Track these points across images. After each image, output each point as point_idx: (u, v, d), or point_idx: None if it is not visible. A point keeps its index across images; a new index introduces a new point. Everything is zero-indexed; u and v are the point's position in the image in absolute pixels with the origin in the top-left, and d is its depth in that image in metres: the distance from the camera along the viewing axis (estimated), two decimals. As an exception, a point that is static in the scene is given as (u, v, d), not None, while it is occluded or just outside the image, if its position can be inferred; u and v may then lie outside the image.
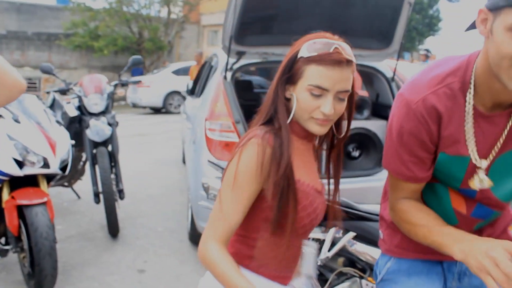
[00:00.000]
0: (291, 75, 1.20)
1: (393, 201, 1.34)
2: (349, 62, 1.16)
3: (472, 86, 1.15)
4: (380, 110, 4.02)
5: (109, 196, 3.76)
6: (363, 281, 2.06)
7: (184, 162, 6.70)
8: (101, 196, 3.93)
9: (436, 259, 1.38)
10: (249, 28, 3.49)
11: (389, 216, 1.40)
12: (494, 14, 1.03)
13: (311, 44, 1.17)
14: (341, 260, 2.19)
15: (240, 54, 3.65)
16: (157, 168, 6.66)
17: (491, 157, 1.21)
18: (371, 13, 3.57)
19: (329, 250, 2.06)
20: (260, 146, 1.16)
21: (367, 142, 3.82)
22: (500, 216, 1.36)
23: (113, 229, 3.96)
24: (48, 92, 4.18)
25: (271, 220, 1.20)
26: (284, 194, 1.17)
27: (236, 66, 3.70)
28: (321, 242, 2.07)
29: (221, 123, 3.32)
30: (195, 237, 3.80)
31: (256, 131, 1.21)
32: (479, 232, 1.33)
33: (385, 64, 4.03)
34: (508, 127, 1.18)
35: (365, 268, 2.08)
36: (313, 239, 2.07)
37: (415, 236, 1.26)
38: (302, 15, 3.57)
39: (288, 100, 1.22)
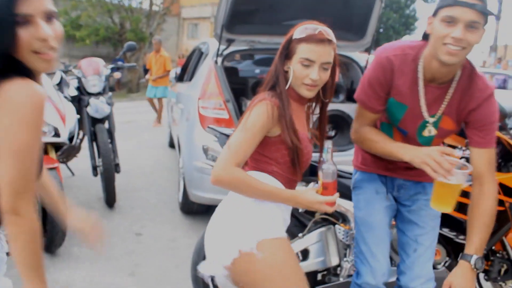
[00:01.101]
0: (287, 52, 1.64)
1: (357, 126, 1.92)
2: (330, 41, 1.61)
3: (421, 61, 1.75)
4: (354, 95, 4.47)
5: (109, 167, 4.13)
6: (337, 226, 2.50)
7: (170, 146, 7.11)
8: (99, 169, 4.30)
9: (384, 174, 2.03)
10: (239, 18, 3.89)
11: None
12: (435, 16, 1.64)
13: (302, 29, 1.62)
14: (317, 217, 2.63)
15: (229, 42, 4.06)
16: (146, 150, 7.02)
17: (435, 118, 1.80)
18: (348, 7, 4.00)
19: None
20: (269, 105, 1.58)
21: (342, 123, 4.26)
22: None
23: (111, 199, 4.32)
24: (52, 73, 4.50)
25: (289, 158, 1.64)
26: (292, 138, 1.61)
27: (226, 52, 4.10)
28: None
29: (213, 101, 3.73)
30: (186, 206, 4.21)
31: (264, 95, 1.64)
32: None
33: (359, 54, 4.49)
34: (447, 98, 1.78)
35: (338, 217, 2.52)
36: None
37: (374, 149, 1.85)
38: (286, 7, 3.99)
39: (286, 72, 1.66)
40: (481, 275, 2.66)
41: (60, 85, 4.23)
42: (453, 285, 1.74)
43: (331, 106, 4.14)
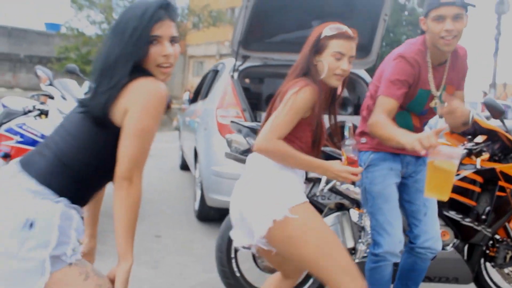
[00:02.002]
0: (318, 48, 1.89)
1: (378, 113, 2.13)
2: (354, 38, 1.88)
3: (428, 52, 2.18)
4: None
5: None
6: (351, 210, 2.71)
7: (181, 168, 7.32)
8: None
9: (397, 152, 2.27)
10: (254, 35, 4.21)
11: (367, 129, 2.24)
12: (426, 17, 2.11)
13: (332, 28, 1.89)
14: (332, 203, 2.84)
15: (245, 58, 4.37)
16: (158, 171, 7.23)
17: (439, 91, 2.17)
18: (354, 27, 4.32)
19: (323, 189, 2.70)
20: (312, 90, 1.81)
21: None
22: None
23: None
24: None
25: (313, 136, 1.88)
26: (319, 121, 1.86)
27: (241, 68, 4.40)
28: (318, 181, 2.71)
29: (230, 110, 3.99)
30: (203, 213, 4.41)
31: (300, 82, 1.85)
32: None
33: (365, 72, 4.79)
34: (445, 75, 2.22)
35: (352, 203, 2.73)
36: (311, 178, 2.72)
37: (383, 134, 2.08)
38: (298, 27, 4.31)
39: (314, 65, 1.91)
40: (488, 264, 2.85)
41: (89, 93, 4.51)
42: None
43: (340, 118, 4.43)
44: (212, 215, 4.35)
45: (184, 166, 7.06)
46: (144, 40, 1.43)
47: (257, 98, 4.94)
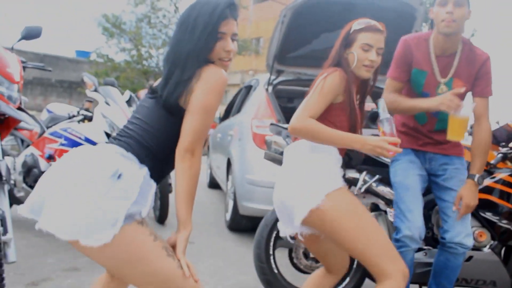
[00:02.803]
0: (348, 41, 2.02)
1: (387, 93, 2.39)
2: (382, 31, 1.99)
3: (431, 40, 2.41)
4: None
5: (165, 186, 4.47)
6: (388, 209, 2.76)
7: (209, 186, 7.44)
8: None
9: (417, 149, 2.50)
10: (288, 51, 4.37)
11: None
12: (434, 6, 2.33)
13: (360, 22, 2.01)
14: (368, 204, 2.91)
15: (279, 72, 4.52)
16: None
17: (446, 79, 2.38)
18: (386, 42, 4.44)
19: (360, 188, 2.77)
20: (341, 75, 1.93)
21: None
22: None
23: (163, 216, 4.62)
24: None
25: (349, 121, 1.98)
26: (352, 107, 1.96)
27: (275, 82, 4.55)
28: (355, 181, 2.79)
29: (265, 121, 4.11)
30: (234, 223, 4.49)
31: (330, 69, 1.99)
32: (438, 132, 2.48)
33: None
34: (455, 64, 2.39)
35: (388, 203, 2.79)
36: (348, 179, 2.79)
37: (404, 106, 2.38)
38: (331, 43, 4.45)
39: (345, 58, 2.03)
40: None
41: (129, 102, 4.68)
42: (463, 196, 2.33)
43: (370, 131, 4.51)
44: (244, 224, 4.43)
45: (212, 185, 7.17)
46: (214, 36, 1.59)
47: (291, 112, 5.05)
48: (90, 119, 3.91)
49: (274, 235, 2.80)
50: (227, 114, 6.42)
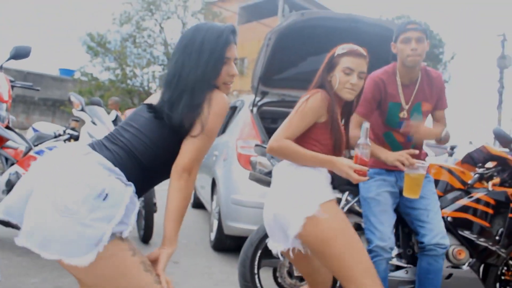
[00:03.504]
0: (331, 65, 2.12)
1: (352, 129, 2.45)
2: (364, 56, 2.10)
3: (397, 72, 2.64)
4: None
5: (150, 205, 4.48)
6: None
7: (193, 206, 7.43)
8: (140, 207, 4.65)
9: (391, 169, 2.63)
10: (273, 73, 4.47)
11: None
12: (396, 42, 2.60)
13: (343, 47, 2.12)
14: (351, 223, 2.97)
15: (264, 94, 4.61)
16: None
17: (408, 105, 2.57)
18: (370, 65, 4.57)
19: (343, 207, 2.84)
20: (323, 95, 2.04)
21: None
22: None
23: (147, 236, 4.62)
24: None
25: (333, 140, 2.07)
26: (336, 126, 2.04)
27: (260, 103, 4.63)
28: (338, 201, 2.86)
29: (250, 141, 4.18)
30: (219, 243, 4.50)
31: (312, 90, 2.09)
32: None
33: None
34: (415, 91, 2.64)
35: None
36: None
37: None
38: (315, 65, 4.57)
39: (329, 82, 2.12)
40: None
41: (115, 121, 4.73)
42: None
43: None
44: (229, 244, 4.45)
45: (196, 205, 7.17)
46: (221, 61, 1.67)
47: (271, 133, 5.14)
48: (76, 138, 3.93)
49: (258, 254, 2.84)
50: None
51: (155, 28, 19.84)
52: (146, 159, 1.61)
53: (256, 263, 2.85)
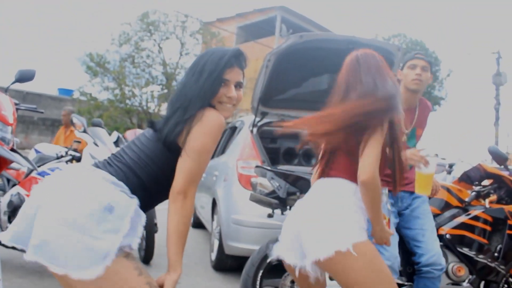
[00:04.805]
0: None
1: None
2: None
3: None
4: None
5: (151, 225, 4.50)
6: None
7: (193, 226, 7.43)
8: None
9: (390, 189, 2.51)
10: (273, 93, 4.54)
11: None
12: (403, 68, 2.82)
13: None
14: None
15: (263, 114, 4.68)
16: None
17: (408, 130, 2.66)
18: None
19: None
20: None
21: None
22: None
23: (149, 256, 4.63)
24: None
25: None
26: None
27: (260, 124, 4.69)
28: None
29: (250, 162, 4.23)
30: (220, 263, 4.52)
31: None
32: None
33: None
34: (415, 117, 2.80)
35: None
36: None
37: None
38: (314, 86, 4.66)
39: None
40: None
41: (117, 143, 4.75)
42: None
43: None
44: (230, 264, 4.46)
45: (196, 224, 7.18)
46: (218, 82, 1.70)
47: (275, 153, 5.19)
48: (78, 159, 3.97)
49: (260, 274, 2.87)
50: (213, 154, 6.51)
51: (153, 48, 20.01)
52: (147, 177, 1.64)
53: (258, 283, 2.87)
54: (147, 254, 4.62)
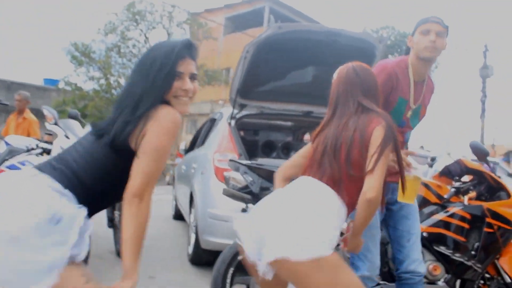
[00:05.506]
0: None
1: None
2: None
3: (410, 66, 2.32)
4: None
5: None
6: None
7: (174, 218, 7.33)
8: (115, 221, 4.55)
9: None
10: (251, 85, 4.43)
11: None
12: (414, 34, 2.38)
13: None
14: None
15: (242, 106, 4.57)
16: (151, 221, 7.21)
17: (416, 105, 2.39)
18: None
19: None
20: None
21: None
22: None
23: (124, 250, 4.52)
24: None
25: None
26: None
27: (238, 116, 4.58)
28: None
29: (227, 155, 4.12)
30: (196, 257, 4.42)
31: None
32: None
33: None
34: (423, 91, 2.44)
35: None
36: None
37: None
38: (294, 78, 4.55)
39: None
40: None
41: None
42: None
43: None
44: (206, 258, 4.36)
45: (177, 216, 7.08)
46: (172, 75, 1.58)
47: (254, 145, 5.08)
48: (49, 152, 3.83)
49: (231, 271, 2.77)
50: (192, 146, 6.40)
51: (140, 38, 19.78)
52: (90, 180, 1.54)
53: (228, 280, 2.78)
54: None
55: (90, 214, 1.57)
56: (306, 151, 2.01)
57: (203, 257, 4.38)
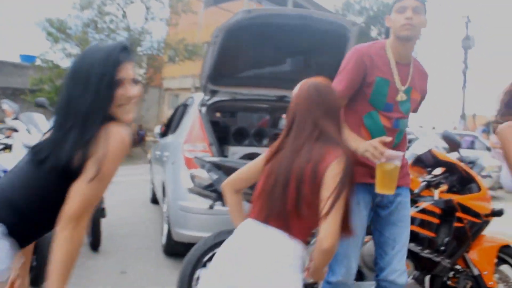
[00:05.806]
0: None
1: None
2: None
3: (388, 47, 2.29)
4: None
5: (98, 211, 4.28)
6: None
7: (152, 202, 7.25)
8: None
9: (371, 182, 2.16)
10: (222, 71, 4.28)
11: None
12: (391, 13, 2.27)
13: None
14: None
15: (213, 92, 4.43)
16: (128, 205, 7.15)
17: (405, 86, 2.26)
18: (322, 63, 4.43)
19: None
20: None
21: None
22: (403, 136, 2.35)
23: (96, 243, 4.43)
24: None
25: None
26: None
27: (209, 102, 4.45)
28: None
29: (197, 145, 4.01)
30: (170, 248, 4.35)
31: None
32: (396, 148, 2.25)
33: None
34: (410, 72, 2.30)
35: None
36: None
37: None
38: (266, 63, 4.41)
39: None
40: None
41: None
42: None
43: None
44: (179, 249, 4.29)
45: (155, 200, 6.99)
46: (114, 84, 1.46)
47: (226, 132, 4.97)
48: (11, 148, 3.69)
49: (196, 274, 2.70)
50: (167, 130, 6.24)
51: (117, 13, 19.21)
52: (24, 205, 1.44)
53: (194, 282, 2.71)
54: (94, 241, 4.43)
55: (28, 241, 1.51)
56: (257, 166, 1.87)
57: (176, 249, 4.31)
